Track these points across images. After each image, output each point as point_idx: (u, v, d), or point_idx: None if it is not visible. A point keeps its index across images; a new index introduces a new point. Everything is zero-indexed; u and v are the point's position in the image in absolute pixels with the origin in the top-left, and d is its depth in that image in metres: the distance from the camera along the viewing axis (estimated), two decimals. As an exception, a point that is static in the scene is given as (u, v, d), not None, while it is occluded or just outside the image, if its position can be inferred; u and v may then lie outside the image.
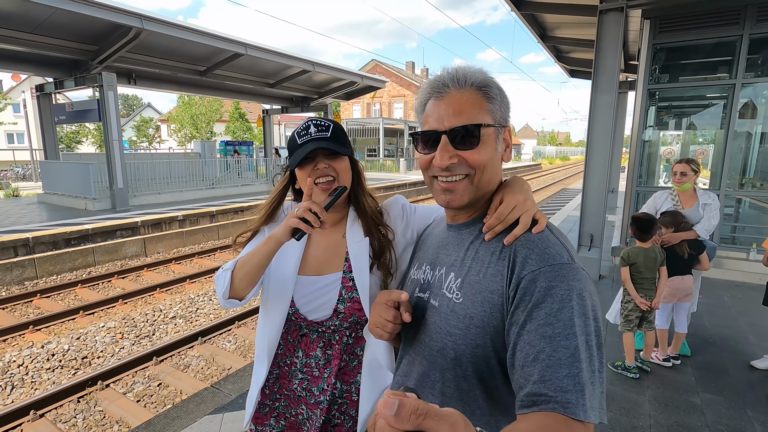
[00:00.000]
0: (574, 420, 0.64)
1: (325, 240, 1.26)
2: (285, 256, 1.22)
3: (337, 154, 1.17)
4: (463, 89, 0.84)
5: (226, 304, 1.18)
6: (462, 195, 0.86)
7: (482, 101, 0.84)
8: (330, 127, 1.18)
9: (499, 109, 0.86)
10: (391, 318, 0.90)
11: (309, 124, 1.17)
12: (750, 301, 4.75)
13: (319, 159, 1.15)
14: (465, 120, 0.82)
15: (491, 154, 0.85)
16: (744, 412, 2.81)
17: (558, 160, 60.80)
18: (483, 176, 0.85)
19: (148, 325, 5.54)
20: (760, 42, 5.40)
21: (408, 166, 28.06)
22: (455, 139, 0.83)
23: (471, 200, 0.87)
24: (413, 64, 42.74)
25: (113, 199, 10.96)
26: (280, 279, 1.21)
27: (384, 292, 0.96)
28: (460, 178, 0.85)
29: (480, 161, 0.84)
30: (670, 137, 7.94)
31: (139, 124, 38.33)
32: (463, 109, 0.83)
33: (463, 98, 0.84)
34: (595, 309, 0.74)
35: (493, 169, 0.87)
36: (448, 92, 0.85)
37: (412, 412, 0.40)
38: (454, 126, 0.83)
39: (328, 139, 1.16)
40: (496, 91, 0.86)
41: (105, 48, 9.87)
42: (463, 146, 0.83)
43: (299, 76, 14.21)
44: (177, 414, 2.70)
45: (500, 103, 0.87)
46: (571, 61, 10.19)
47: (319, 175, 1.15)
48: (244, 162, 16.76)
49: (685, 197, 3.54)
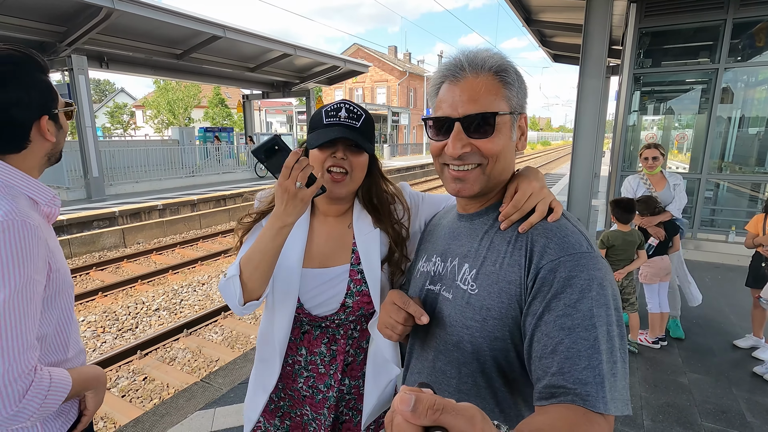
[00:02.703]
0: (594, 413, 0.62)
1: (328, 230, 1.18)
2: (287, 248, 1.13)
3: (359, 148, 1.08)
4: (480, 74, 0.80)
5: (244, 311, 1.03)
6: (473, 184, 0.83)
7: (499, 87, 0.81)
8: (362, 118, 1.09)
9: (516, 96, 0.83)
10: (402, 320, 0.86)
11: (341, 106, 1.08)
12: (729, 282, 4.89)
13: (340, 148, 1.06)
14: (480, 107, 0.79)
15: (505, 143, 0.82)
16: (729, 390, 2.89)
17: (539, 145, 61.51)
18: (496, 166, 0.82)
19: (131, 318, 5.39)
20: (743, 27, 5.47)
21: (392, 153, 27.93)
22: (469, 127, 0.79)
23: (482, 190, 0.84)
24: (395, 48, 42.16)
25: (88, 188, 10.58)
26: (284, 273, 1.12)
27: (394, 292, 0.91)
28: (473, 167, 0.82)
29: (494, 151, 0.80)
30: (652, 122, 8.06)
31: (112, 110, 36.96)
32: (479, 95, 0.79)
33: (479, 84, 0.79)
34: (616, 298, 0.72)
35: (506, 158, 0.84)
36: (463, 76, 0.81)
37: (429, 407, 0.39)
38: (469, 113, 0.79)
39: (356, 130, 1.06)
40: (514, 77, 0.82)
41: (74, 29, 9.36)
42: (477, 135, 0.80)
43: (280, 60, 13.85)
44: (166, 410, 2.62)
45: (518, 89, 0.83)
46: (556, 46, 10.18)
47: (334, 164, 1.06)
48: (225, 149, 16.37)
49: (655, 180, 3.65)
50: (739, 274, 4.70)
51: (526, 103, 0.86)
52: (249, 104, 17.85)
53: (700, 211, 5.99)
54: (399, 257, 1.15)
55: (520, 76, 0.84)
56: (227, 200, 11.68)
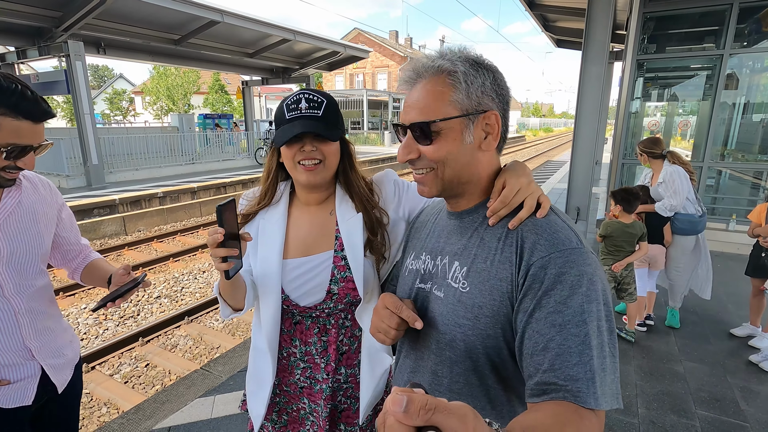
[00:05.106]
0: (585, 408, 0.63)
1: (310, 218, 1.17)
2: (267, 240, 1.15)
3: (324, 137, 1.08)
4: (424, 79, 0.80)
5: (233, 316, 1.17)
6: (431, 187, 0.85)
7: (445, 92, 0.78)
8: (323, 104, 1.07)
9: (472, 96, 0.78)
10: (395, 326, 0.86)
11: (300, 98, 1.07)
12: (728, 271, 4.90)
13: (307, 141, 1.06)
14: (418, 116, 0.80)
15: (452, 148, 0.80)
16: (725, 379, 2.91)
17: (542, 131, 61.03)
18: (446, 170, 0.82)
19: (132, 305, 5.43)
20: (749, 11, 5.36)
21: (393, 139, 27.75)
22: (415, 133, 0.81)
23: (441, 191, 0.85)
24: (396, 33, 41.58)
25: (88, 176, 10.56)
26: (265, 267, 1.13)
27: (386, 296, 0.90)
28: (426, 171, 0.83)
29: (437, 156, 0.81)
30: (655, 108, 7.97)
31: (111, 96, 36.64)
32: (420, 103, 0.80)
33: (423, 90, 0.80)
34: (606, 292, 0.72)
35: (457, 162, 0.81)
36: (414, 83, 0.82)
37: (421, 407, 0.39)
38: (412, 122, 0.81)
39: (319, 119, 1.06)
40: (467, 76, 0.77)
41: (70, 14, 9.23)
42: (422, 141, 0.81)
43: (279, 45, 13.67)
44: (167, 398, 2.66)
45: (471, 88, 0.77)
46: (558, 31, 10.03)
47: (305, 157, 1.06)
48: (225, 136, 16.27)
49: (655, 174, 3.55)
50: (738, 263, 4.70)
51: (495, 99, 0.80)
52: (248, 90, 17.68)
53: (701, 199, 5.95)
54: (380, 242, 1.15)
55: (479, 75, 0.78)
56: (227, 188, 11.66)
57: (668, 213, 3.41)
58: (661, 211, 3.41)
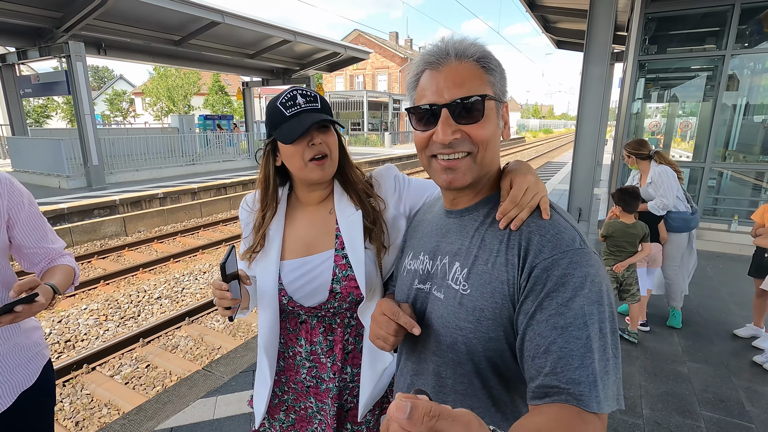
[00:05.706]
0: (587, 412, 0.63)
1: (309, 218, 1.16)
2: (266, 242, 1.14)
3: (329, 128, 1.08)
4: (463, 60, 0.77)
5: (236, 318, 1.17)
6: (465, 174, 0.79)
7: (482, 73, 0.78)
8: (318, 98, 1.08)
9: (499, 83, 0.80)
10: (392, 332, 0.84)
11: (295, 94, 1.06)
12: (731, 272, 4.89)
13: (314, 134, 1.05)
14: (467, 91, 0.75)
15: (494, 130, 0.79)
16: (729, 379, 2.90)
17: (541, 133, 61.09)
18: (486, 154, 0.79)
19: (133, 306, 5.42)
20: (751, 12, 5.36)
21: (393, 141, 27.77)
22: (457, 112, 0.76)
23: (474, 180, 0.80)
24: (396, 34, 41.59)
25: (88, 176, 10.54)
26: (264, 269, 1.12)
27: (384, 301, 0.88)
28: (463, 155, 0.78)
29: (484, 136, 0.77)
30: (656, 109, 7.96)
31: (111, 97, 36.61)
32: (464, 80, 0.76)
33: (463, 69, 0.77)
34: (609, 293, 0.71)
35: (495, 146, 0.81)
36: (446, 63, 0.77)
37: (425, 414, 0.39)
38: (456, 98, 0.75)
39: (320, 111, 1.05)
40: (496, 63, 0.80)
41: (70, 15, 9.23)
42: (467, 120, 0.76)
43: (280, 46, 13.68)
44: (169, 398, 2.64)
45: (500, 76, 0.80)
46: (559, 32, 10.02)
47: (315, 152, 1.05)
48: (225, 137, 16.27)
49: (643, 175, 3.58)
50: (740, 264, 4.70)
51: (507, 92, 0.84)
52: (249, 91, 17.68)
53: (703, 200, 5.96)
54: (378, 230, 1.13)
55: (501, 65, 0.81)
56: (228, 188, 11.65)
57: (661, 212, 3.43)
58: (654, 210, 3.42)
